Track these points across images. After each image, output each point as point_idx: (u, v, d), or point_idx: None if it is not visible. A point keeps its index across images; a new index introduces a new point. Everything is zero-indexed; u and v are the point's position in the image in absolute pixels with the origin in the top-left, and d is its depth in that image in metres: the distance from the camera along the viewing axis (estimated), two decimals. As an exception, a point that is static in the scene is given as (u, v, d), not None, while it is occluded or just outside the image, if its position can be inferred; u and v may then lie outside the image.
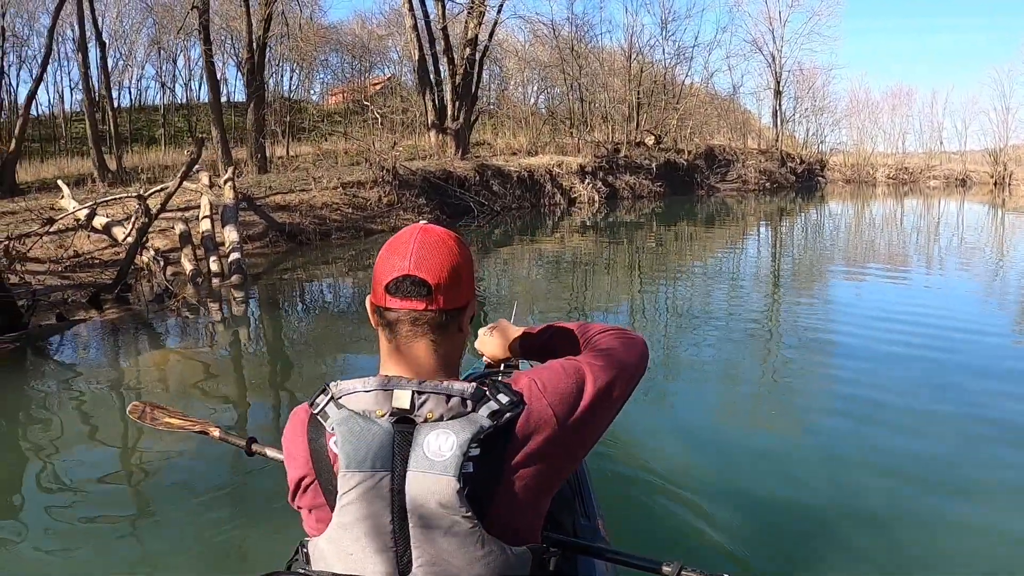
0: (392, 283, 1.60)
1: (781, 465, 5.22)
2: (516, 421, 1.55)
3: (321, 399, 1.61)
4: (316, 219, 19.82)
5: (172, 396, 7.34)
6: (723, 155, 42.00)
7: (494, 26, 31.79)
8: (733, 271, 15.27)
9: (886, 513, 4.47)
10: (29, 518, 4.63)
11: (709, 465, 5.21)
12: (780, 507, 4.57)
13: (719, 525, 4.21)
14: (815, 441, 5.75)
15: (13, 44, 35.94)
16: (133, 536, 4.30)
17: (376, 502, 1.50)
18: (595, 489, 3.05)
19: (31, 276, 12.52)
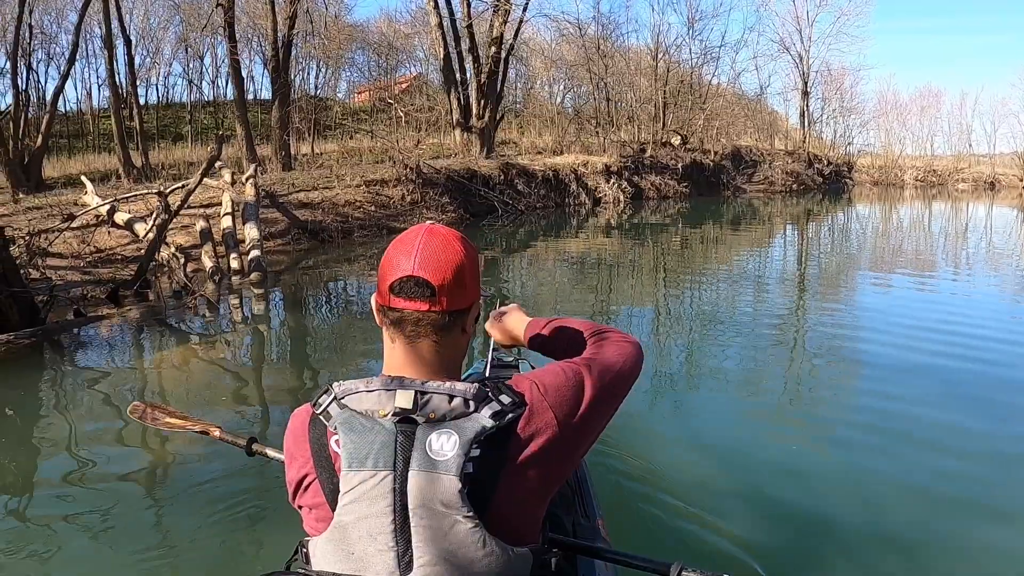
0: (396, 283, 1.63)
1: (792, 471, 5.13)
2: (517, 422, 1.57)
3: (324, 399, 1.62)
4: (339, 217, 19.78)
5: (185, 394, 7.31)
6: (749, 156, 41.62)
7: (519, 24, 31.57)
8: (758, 274, 15.04)
9: (900, 527, 4.36)
10: (29, 516, 4.62)
11: (715, 468, 5.15)
12: (787, 512, 4.51)
13: (720, 526, 4.19)
14: (830, 449, 5.64)
15: (42, 41, 36.31)
16: (133, 535, 4.25)
17: (378, 501, 1.50)
18: (595, 489, 3.05)
19: (53, 271, 12.54)
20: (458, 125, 30.20)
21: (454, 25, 29.87)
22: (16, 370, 8.20)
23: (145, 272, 12.13)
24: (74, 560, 4.05)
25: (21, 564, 4.01)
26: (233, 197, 15.74)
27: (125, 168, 26.60)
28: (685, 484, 4.74)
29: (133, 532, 4.30)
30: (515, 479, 1.56)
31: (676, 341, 9.20)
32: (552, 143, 34.84)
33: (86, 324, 9.88)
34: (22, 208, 17.17)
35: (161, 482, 5.07)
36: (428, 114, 33.96)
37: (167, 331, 10.04)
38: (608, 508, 3.09)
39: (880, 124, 56.69)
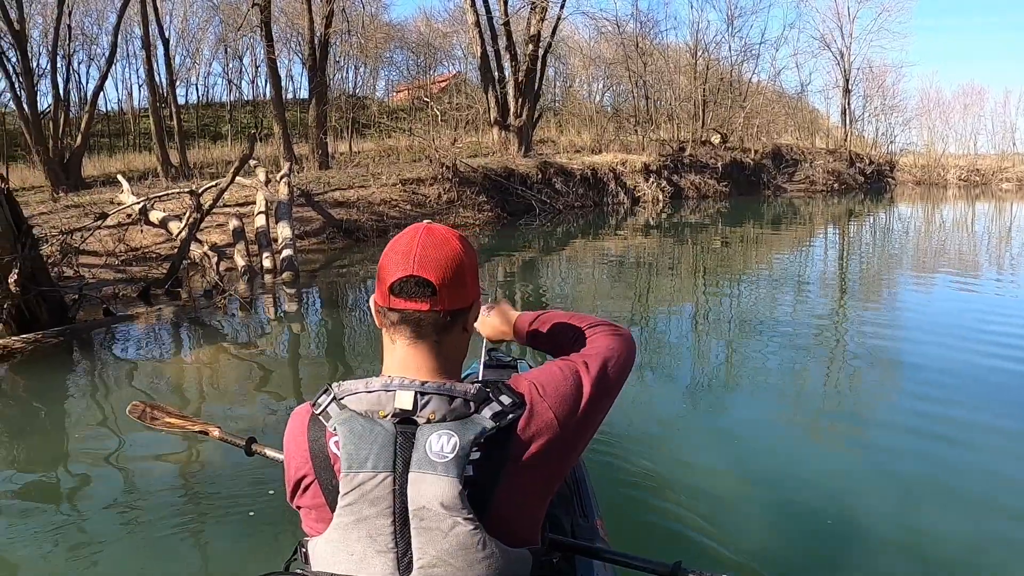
0: (396, 284, 1.61)
1: (796, 472, 5.07)
2: (517, 423, 1.56)
3: (323, 399, 1.62)
4: (374, 215, 19.72)
5: (211, 394, 7.28)
6: (790, 155, 41.01)
7: (557, 22, 31.32)
8: (798, 275, 14.73)
9: (909, 529, 4.30)
10: (28, 513, 4.61)
11: (716, 468, 5.10)
12: (789, 513, 4.47)
13: (720, 527, 4.17)
14: (836, 450, 5.57)
15: (83, 43, 36.74)
16: (132, 535, 4.26)
17: (377, 503, 1.50)
18: (594, 489, 3.04)
19: (87, 270, 12.56)
20: (496, 124, 30.02)
21: (491, 23, 29.71)
22: (42, 369, 8.16)
23: (177, 271, 12.08)
24: (74, 559, 4.02)
25: (21, 563, 4.01)
26: (267, 196, 15.69)
27: (163, 167, 26.75)
28: (685, 484, 4.73)
29: (133, 531, 4.29)
30: (515, 480, 1.55)
31: (692, 341, 9.06)
32: (591, 142, 34.53)
33: (115, 323, 9.82)
34: (61, 206, 17.34)
35: (162, 482, 5.02)
36: (466, 112, 33.85)
37: (197, 330, 9.97)
38: (607, 508, 3.09)
39: (922, 122, 55.70)
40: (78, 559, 4.01)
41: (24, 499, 4.87)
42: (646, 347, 8.62)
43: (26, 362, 8.27)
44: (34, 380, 7.92)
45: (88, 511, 4.61)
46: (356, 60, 43.09)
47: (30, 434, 6.29)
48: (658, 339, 9.31)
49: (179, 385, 7.61)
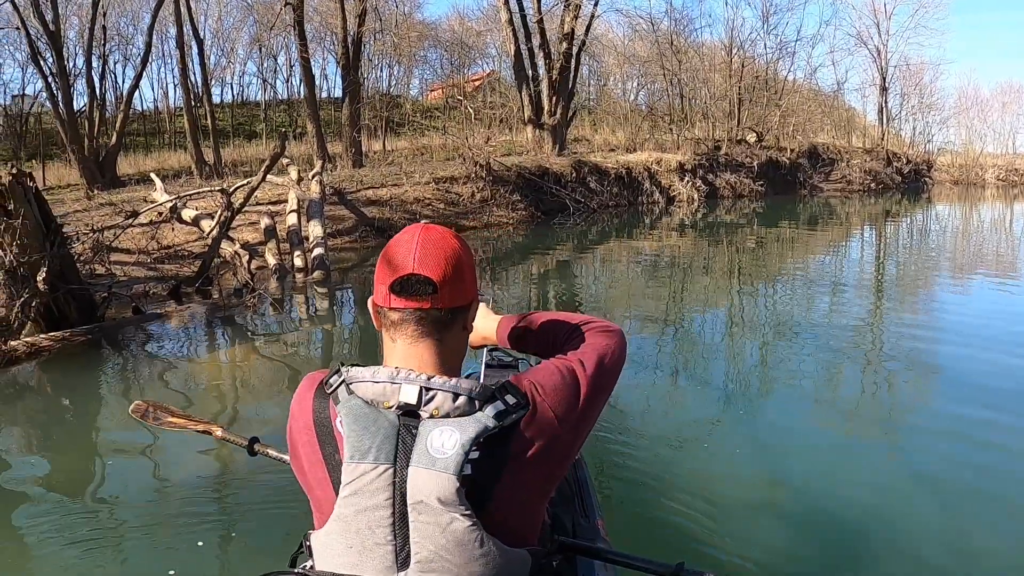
0: (397, 282, 1.62)
1: (801, 474, 5.02)
2: (519, 423, 1.56)
3: (334, 379, 1.63)
4: (407, 214, 19.57)
5: (237, 394, 7.24)
6: (826, 154, 40.52)
7: (591, 20, 31.15)
8: (833, 276, 14.42)
9: (920, 533, 4.22)
10: (36, 512, 4.59)
11: (717, 468, 5.07)
12: (791, 514, 4.43)
13: (721, 527, 4.15)
14: (845, 453, 5.43)
15: (118, 43, 37.07)
16: (133, 535, 4.25)
17: (377, 495, 1.51)
18: (595, 489, 3.03)
19: (119, 267, 12.55)
20: (530, 122, 29.84)
21: (525, 21, 29.55)
22: (70, 367, 8.11)
23: (207, 269, 12.04)
24: (74, 559, 3.99)
25: (21, 562, 4.02)
26: (299, 194, 15.62)
27: (197, 165, 26.92)
28: (687, 484, 4.69)
29: (134, 531, 4.28)
30: (515, 480, 1.56)
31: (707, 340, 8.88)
32: (625, 140, 34.30)
33: (144, 322, 9.76)
34: (95, 204, 17.43)
35: (162, 482, 5.01)
36: (500, 111, 33.72)
37: (227, 329, 9.89)
38: (608, 508, 3.11)
39: (960, 121, 55.01)
40: (80, 557, 3.99)
41: (29, 497, 4.88)
42: (663, 348, 8.59)
43: (54, 360, 8.21)
44: (61, 378, 7.87)
45: (92, 509, 4.61)
46: (390, 59, 43.19)
47: (48, 431, 6.27)
48: (672, 339, 9.21)
49: (207, 384, 7.54)
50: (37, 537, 4.25)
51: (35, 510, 4.63)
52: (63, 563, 3.96)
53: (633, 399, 6.43)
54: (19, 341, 8.20)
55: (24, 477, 5.34)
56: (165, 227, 14.56)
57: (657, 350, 8.43)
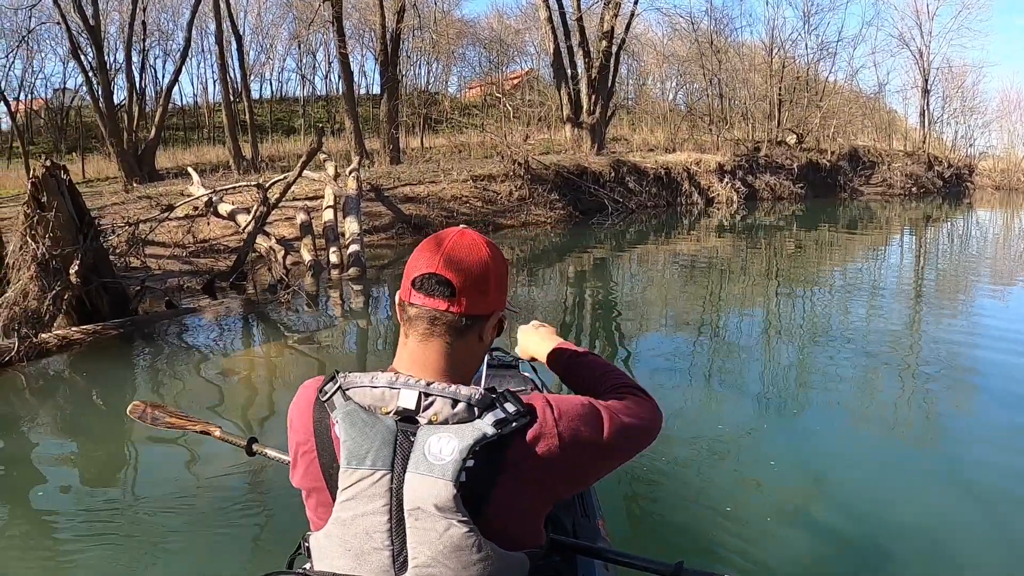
0: (418, 279, 1.63)
1: (804, 476, 4.97)
2: (520, 432, 1.53)
3: (330, 386, 1.61)
4: (444, 212, 19.45)
5: (268, 393, 7.17)
6: (867, 157, 39.94)
7: (630, 18, 30.87)
8: (873, 281, 14.09)
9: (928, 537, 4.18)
10: (28, 511, 4.66)
11: (718, 469, 5.06)
12: (793, 516, 4.39)
13: (722, 527, 4.15)
14: (856, 458, 5.35)
15: (158, 38, 37.47)
16: (133, 534, 4.22)
17: (375, 500, 1.50)
18: (596, 489, 3.00)
19: (154, 260, 12.53)
20: (568, 121, 29.64)
21: (564, 19, 29.36)
22: (100, 360, 8.06)
23: (242, 264, 11.98)
24: (73, 559, 4.02)
25: (20, 562, 4.01)
26: (335, 190, 15.52)
27: (235, 160, 27.11)
28: (687, 484, 4.71)
29: (134, 531, 4.26)
30: (511, 490, 1.53)
31: (786, 348, 8.54)
32: (664, 140, 33.99)
33: (177, 316, 9.68)
34: (133, 197, 17.53)
35: (162, 482, 4.95)
36: (538, 109, 33.54)
37: (260, 325, 9.80)
38: (609, 508, 3.09)
39: (1002, 125, 54.10)
40: (77, 558, 4.01)
41: (38, 491, 4.93)
42: (690, 348, 8.51)
43: (85, 353, 8.18)
44: (91, 371, 7.81)
45: (92, 508, 4.60)
46: (429, 56, 43.17)
47: (70, 424, 6.29)
48: (703, 341, 9.04)
49: (238, 381, 7.46)
50: (38, 534, 4.28)
51: (40, 506, 4.67)
52: (63, 562, 3.97)
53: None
54: (50, 334, 8.17)
55: (31, 468, 5.38)
56: (201, 221, 14.54)
57: (685, 350, 8.37)
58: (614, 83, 31.29)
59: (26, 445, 5.94)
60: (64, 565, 3.97)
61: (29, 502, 4.80)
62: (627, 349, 8.83)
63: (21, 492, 4.96)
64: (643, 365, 7.88)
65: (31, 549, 4.13)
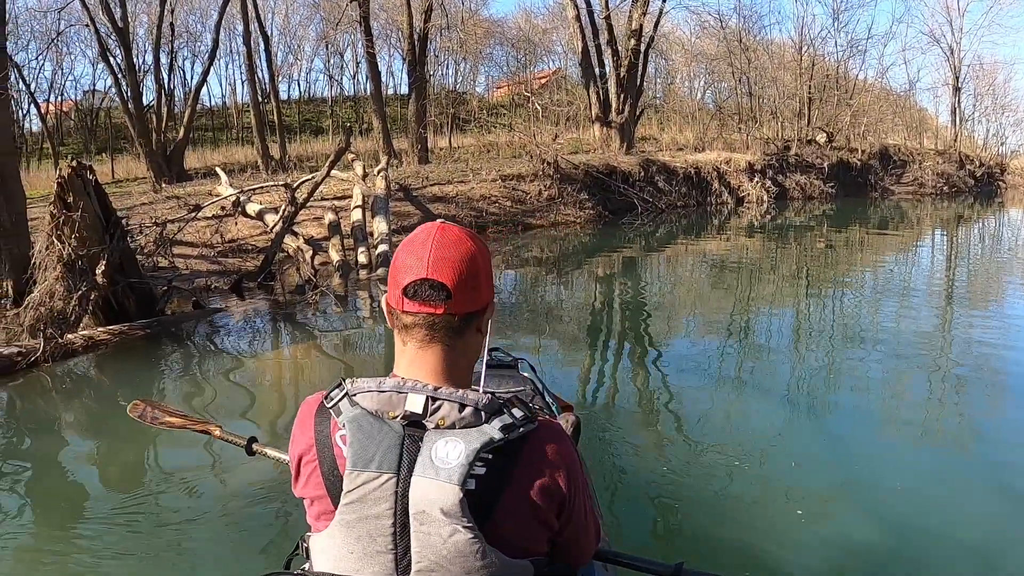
0: (410, 287, 1.58)
1: (807, 477, 4.88)
2: (527, 438, 1.53)
3: (336, 393, 1.60)
4: (473, 211, 19.39)
5: (294, 396, 7.07)
6: (898, 155, 39.49)
7: (659, 16, 30.64)
8: (903, 281, 13.87)
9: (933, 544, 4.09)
10: (28, 511, 4.66)
11: (719, 469, 4.97)
12: (793, 517, 4.30)
13: (722, 527, 4.15)
14: (858, 460, 5.20)
15: (187, 40, 37.80)
16: (133, 534, 4.23)
17: (380, 503, 1.49)
18: (595, 488, 3.00)
19: (182, 260, 12.51)
20: (597, 120, 29.44)
21: (592, 18, 29.21)
22: (126, 361, 8.04)
23: (270, 264, 11.94)
24: (73, 559, 4.01)
25: (20, 561, 4.01)
26: (364, 190, 15.43)
27: (264, 160, 27.16)
28: (687, 485, 4.69)
29: (134, 531, 4.26)
30: (517, 495, 1.52)
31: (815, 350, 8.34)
32: (694, 139, 33.73)
33: (205, 316, 9.60)
34: (161, 197, 17.59)
35: (162, 482, 4.97)
36: (566, 108, 33.38)
37: (288, 327, 9.72)
38: (608, 508, 3.16)
39: (1035, 123, 53.45)
40: (77, 558, 4.01)
41: (37, 494, 4.93)
42: (701, 350, 8.29)
43: (111, 353, 8.14)
44: (116, 372, 7.79)
45: (88, 510, 4.63)
46: (456, 56, 43.17)
47: (90, 426, 6.27)
48: (725, 343, 8.83)
49: (265, 384, 7.39)
50: (37, 531, 4.33)
51: (39, 505, 4.70)
52: (62, 561, 3.99)
53: (629, 400, 6.54)
54: (76, 334, 8.12)
55: (42, 468, 5.43)
56: (229, 221, 14.50)
57: (712, 351, 8.23)
58: (643, 82, 31.08)
59: (45, 445, 5.92)
60: (64, 564, 3.96)
61: (30, 500, 4.82)
62: (655, 349, 8.70)
63: (30, 489, 4.99)
64: (670, 365, 7.79)
65: (26, 548, 4.13)
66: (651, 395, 6.84)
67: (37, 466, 5.51)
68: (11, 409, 6.93)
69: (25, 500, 4.84)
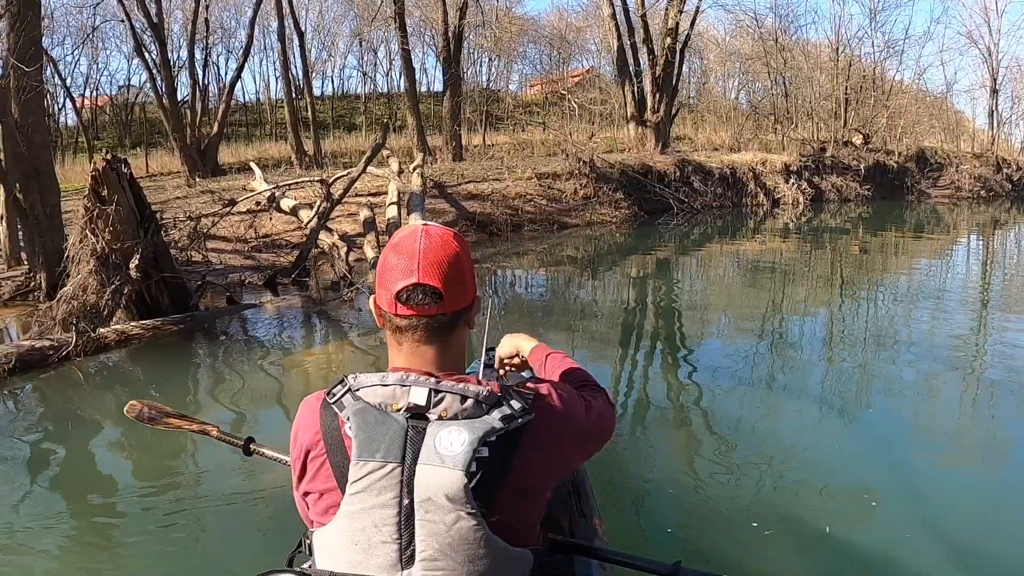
0: (404, 292, 1.62)
1: (807, 479, 4.79)
2: (527, 426, 1.57)
3: (339, 389, 1.63)
4: (508, 210, 19.22)
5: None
6: (934, 158, 38.92)
7: (696, 14, 30.29)
8: (938, 287, 13.48)
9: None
10: (27, 510, 4.56)
11: (719, 468, 4.97)
12: (793, 517, 4.28)
13: (720, 527, 4.14)
14: (854, 457, 5.21)
15: (221, 36, 38.12)
16: (133, 534, 4.22)
17: (384, 492, 1.50)
18: (593, 488, 3.03)
19: (216, 255, 12.44)
20: (632, 119, 29.21)
21: (628, 16, 29.04)
22: (158, 357, 7.97)
23: (304, 260, 11.86)
24: (73, 559, 4.00)
25: (20, 561, 3.95)
26: (399, 187, 15.30)
27: (297, 156, 27.24)
28: (685, 484, 4.69)
29: (133, 531, 4.25)
30: (518, 479, 1.56)
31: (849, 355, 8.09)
32: (729, 140, 33.41)
33: (238, 312, 9.50)
34: (195, 192, 17.64)
35: (161, 482, 4.94)
36: (601, 107, 33.18)
37: (322, 324, 9.62)
38: (606, 507, 3.10)
39: (1073, 126, 52.59)
40: (77, 558, 4.01)
41: (33, 496, 4.82)
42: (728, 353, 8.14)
43: (144, 348, 8.07)
44: (148, 367, 7.71)
45: (87, 510, 4.60)
46: (489, 53, 43.11)
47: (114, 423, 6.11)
48: (756, 346, 8.61)
49: (296, 383, 7.28)
50: (35, 529, 4.25)
51: (39, 503, 4.66)
52: (60, 560, 3.96)
53: (625, 401, 6.46)
54: (108, 328, 8.03)
55: (58, 462, 5.45)
56: (263, 216, 14.40)
57: (743, 353, 8.07)
58: (679, 81, 30.80)
59: (69, 440, 5.87)
60: (63, 563, 3.94)
61: (38, 494, 4.83)
62: (686, 349, 8.59)
63: (39, 483, 5.02)
64: (700, 367, 7.63)
65: (21, 546, 4.09)
66: (666, 395, 6.80)
67: (58, 459, 5.52)
68: (41, 402, 6.88)
69: (34, 493, 4.83)
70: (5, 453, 5.49)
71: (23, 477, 5.07)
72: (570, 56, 46.96)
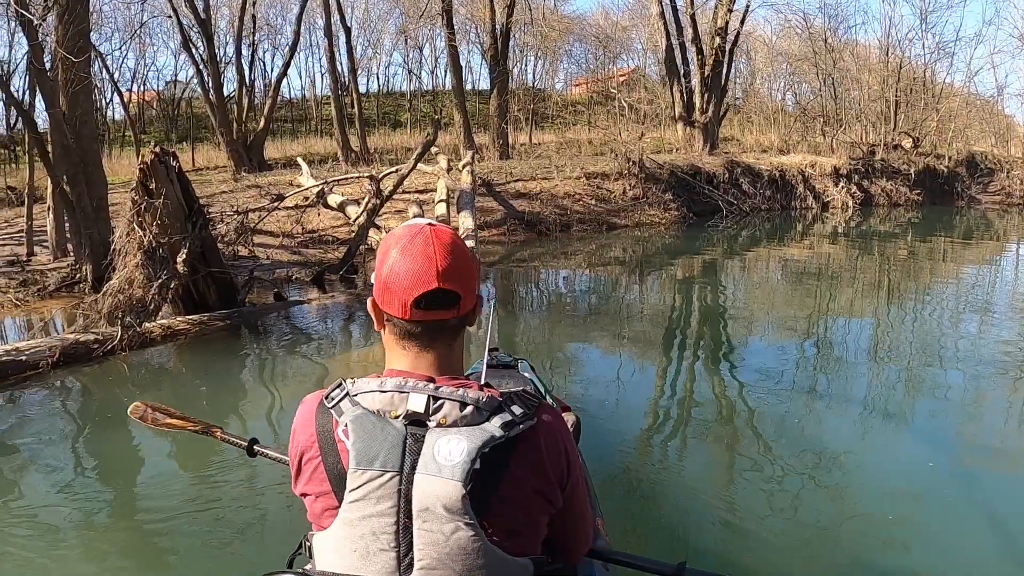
0: (423, 298, 1.57)
1: (807, 479, 4.76)
2: (526, 435, 1.54)
3: (336, 393, 1.61)
4: (557, 209, 19.01)
5: None
6: (985, 163, 38.20)
7: (745, 13, 29.90)
8: (986, 294, 13.05)
9: None
10: (29, 510, 4.54)
11: (719, 468, 5.01)
12: (792, 517, 4.26)
13: (722, 527, 4.10)
14: (852, 464, 5.04)
15: (267, 33, 38.55)
16: (133, 534, 4.23)
17: (383, 501, 1.49)
18: (596, 489, 2.99)
19: (263, 250, 12.39)
20: (680, 119, 28.90)
21: (676, 15, 28.74)
22: (204, 352, 7.93)
23: (353, 256, 11.72)
24: (72, 559, 3.98)
25: (20, 561, 3.92)
26: (448, 184, 15.16)
27: (343, 152, 27.24)
28: (687, 484, 4.68)
29: (134, 531, 4.28)
30: (517, 490, 1.53)
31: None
32: (778, 142, 32.97)
33: (285, 308, 9.35)
34: (241, 186, 17.66)
35: (162, 482, 4.88)
36: (648, 107, 32.89)
37: (369, 322, 9.34)
38: (608, 508, 3.10)
39: (1125, 131, 51.49)
40: (76, 558, 3.98)
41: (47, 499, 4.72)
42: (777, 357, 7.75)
43: (189, 344, 7.97)
44: (193, 363, 7.67)
45: (87, 510, 4.52)
46: (535, 52, 43.04)
47: None
48: (787, 348, 8.43)
49: (327, 382, 7.00)
50: (46, 528, 4.24)
51: (37, 502, 4.61)
52: (59, 559, 3.93)
53: (625, 400, 6.45)
54: (155, 323, 7.93)
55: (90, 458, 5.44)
56: (309, 212, 14.30)
57: (787, 359, 7.94)
58: (727, 81, 30.46)
59: (103, 436, 5.84)
60: (57, 564, 3.89)
61: (33, 499, 4.73)
62: (729, 348, 8.42)
63: (40, 486, 4.93)
64: (741, 370, 7.45)
65: (23, 545, 4.06)
66: (693, 397, 6.77)
67: (90, 455, 5.52)
68: (85, 397, 6.80)
69: (34, 494, 4.78)
70: (28, 451, 5.48)
71: (34, 475, 5.06)
72: (616, 55, 46.81)
